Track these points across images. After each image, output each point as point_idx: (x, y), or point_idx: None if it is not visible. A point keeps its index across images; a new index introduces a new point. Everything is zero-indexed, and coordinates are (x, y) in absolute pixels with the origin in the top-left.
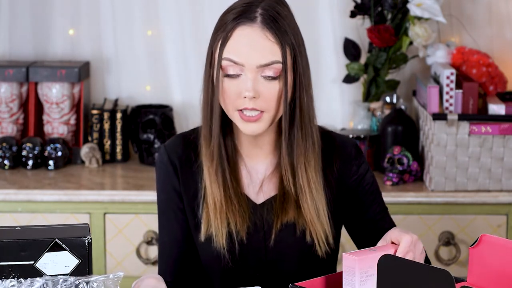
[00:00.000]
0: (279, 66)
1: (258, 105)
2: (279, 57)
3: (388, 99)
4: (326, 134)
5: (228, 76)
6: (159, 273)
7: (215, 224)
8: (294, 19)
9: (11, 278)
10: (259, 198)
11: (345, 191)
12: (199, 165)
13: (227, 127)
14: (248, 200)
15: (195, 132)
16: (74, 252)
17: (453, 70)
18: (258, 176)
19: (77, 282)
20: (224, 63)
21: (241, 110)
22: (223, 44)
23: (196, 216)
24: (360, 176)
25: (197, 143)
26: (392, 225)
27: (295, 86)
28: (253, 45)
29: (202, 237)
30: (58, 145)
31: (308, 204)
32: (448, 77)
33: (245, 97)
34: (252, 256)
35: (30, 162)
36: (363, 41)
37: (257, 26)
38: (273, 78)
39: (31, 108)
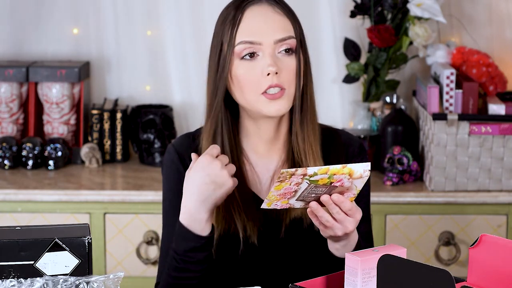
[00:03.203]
0: (294, 41)
1: (280, 81)
2: (292, 33)
3: (388, 99)
4: (333, 131)
5: (244, 58)
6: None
7: (220, 230)
8: None
9: (11, 278)
10: None
11: None
12: None
13: (234, 127)
14: (258, 200)
15: (200, 133)
16: (74, 252)
17: (453, 70)
18: (269, 174)
19: (77, 282)
20: (238, 48)
21: (265, 91)
22: (234, 29)
23: None
24: None
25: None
26: (367, 234)
27: (306, 69)
28: (266, 21)
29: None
30: (58, 145)
31: None
32: (448, 77)
33: (268, 74)
34: (262, 254)
35: (30, 162)
36: (363, 41)
37: (266, 4)
38: (290, 51)
39: (31, 108)
